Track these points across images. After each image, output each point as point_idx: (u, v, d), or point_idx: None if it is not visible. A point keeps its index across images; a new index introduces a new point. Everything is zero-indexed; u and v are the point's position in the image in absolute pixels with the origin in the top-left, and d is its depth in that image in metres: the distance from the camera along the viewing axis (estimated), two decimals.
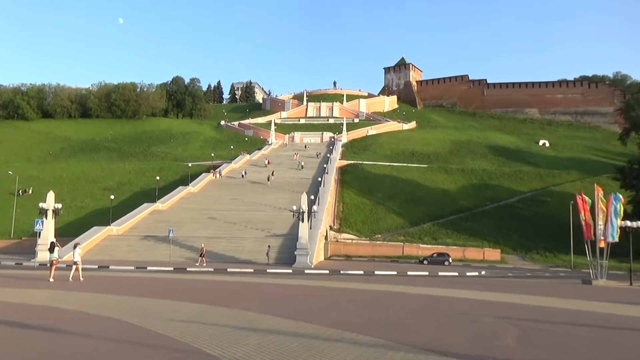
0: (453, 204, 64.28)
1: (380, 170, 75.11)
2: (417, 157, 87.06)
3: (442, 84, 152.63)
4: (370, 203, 63.14)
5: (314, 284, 22.70)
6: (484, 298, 18.17)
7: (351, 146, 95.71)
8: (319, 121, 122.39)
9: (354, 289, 20.56)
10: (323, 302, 16.18)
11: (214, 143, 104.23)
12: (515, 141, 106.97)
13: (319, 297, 17.42)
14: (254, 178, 66.70)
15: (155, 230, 44.97)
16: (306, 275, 29.71)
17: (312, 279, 26.58)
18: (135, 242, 42.63)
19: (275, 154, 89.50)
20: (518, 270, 41.69)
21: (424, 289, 21.23)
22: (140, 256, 39.14)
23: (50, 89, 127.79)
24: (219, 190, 60.60)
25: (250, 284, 22.07)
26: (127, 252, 40.30)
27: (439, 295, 18.91)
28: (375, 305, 15.46)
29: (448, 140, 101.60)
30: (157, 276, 26.14)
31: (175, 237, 39.50)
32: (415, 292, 20.09)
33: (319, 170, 71.29)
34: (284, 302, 15.71)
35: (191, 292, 18.48)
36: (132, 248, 41.29)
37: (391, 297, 17.97)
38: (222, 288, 20.01)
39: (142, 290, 18.94)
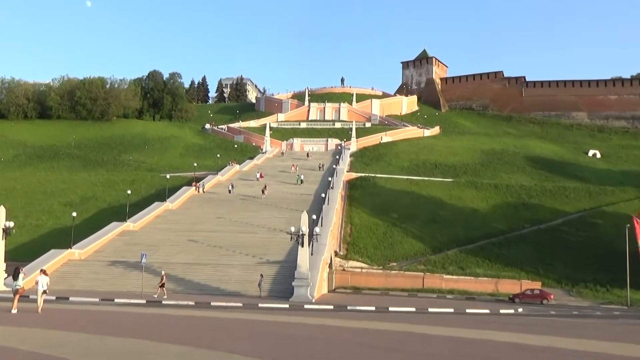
0: (484, 227, 64.06)
1: (397, 185, 75.07)
2: (441, 170, 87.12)
3: (471, 81, 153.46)
4: (383, 224, 63.01)
5: (316, 323, 22.58)
6: (523, 342, 18.01)
7: (361, 156, 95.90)
8: (323, 125, 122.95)
9: (364, 329, 20.42)
10: (327, 345, 16.06)
11: (197, 150, 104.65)
12: (559, 151, 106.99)
13: (322, 339, 17.30)
14: (244, 193, 66.75)
15: (125, 254, 44.95)
16: (306, 312, 29.55)
17: (313, 316, 26.44)
18: (100, 268, 42.59)
19: (271, 164, 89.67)
20: (563, 308, 41.38)
21: (450, 330, 21.08)
22: (106, 286, 39.05)
23: (3, 85, 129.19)
24: (203, 207, 60.62)
25: (239, 322, 21.96)
26: (91, 281, 40.23)
27: (468, 337, 18.73)
28: (391, 350, 15.33)
29: (478, 149, 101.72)
30: (127, 310, 26.06)
31: (149, 263, 39.44)
32: (439, 333, 19.94)
33: (322, 184, 71.36)
34: (279, 345, 15.60)
35: (167, 330, 18.40)
36: (97, 276, 41.24)
37: (410, 340, 17.83)
38: (204, 326, 19.91)
39: (107, 327, 18.87)
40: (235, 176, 78.23)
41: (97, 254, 45.90)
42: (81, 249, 45.47)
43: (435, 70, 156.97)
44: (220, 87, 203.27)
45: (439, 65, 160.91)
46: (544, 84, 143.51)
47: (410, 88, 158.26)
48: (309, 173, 79.48)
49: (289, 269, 40.54)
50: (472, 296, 49.03)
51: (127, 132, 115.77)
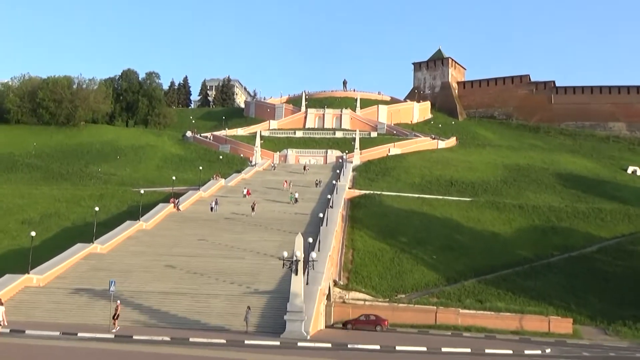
0: (506, 254, 64.11)
1: (406, 205, 75.23)
2: (458, 188, 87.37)
3: (493, 86, 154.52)
4: (391, 250, 63.04)
5: None
6: None
7: (366, 170, 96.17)
8: (322, 134, 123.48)
9: None
10: None
11: (177, 162, 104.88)
12: (594, 167, 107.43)
13: None
14: (229, 211, 66.83)
15: (91, 281, 44.89)
16: (300, 350, 29.51)
17: (308, 355, 26.43)
18: (63, 297, 42.50)
19: (261, 178, 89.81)
20: (598, 349, 41.30)
21: None
22: (69, 317, 38.94)
23: None
24: (182, 227, 60.63)
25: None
26: (52, 311, 40.12)
27: None
28: None
29: (500, 164, 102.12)
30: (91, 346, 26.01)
31: (119, 291, 39.37)
32: None
33: (320, 202, 71.51)
34: None
35: None
36: (59, 305, 41.14)
37: None
38: None
39: None
40: (219, 192, 78.25)
41: (58, 280, 45.81)
42: (40, 275, 45.38)
43: (451, 72, 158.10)
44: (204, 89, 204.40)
45: (456, 67, 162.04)
46: (577, 90, 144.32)
47: (422, 93, 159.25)
48: (304, 190, 79.60)
49: (280, 300, 40.48)
50: (492, 334, 48.90)
51: (96, 140, 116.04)
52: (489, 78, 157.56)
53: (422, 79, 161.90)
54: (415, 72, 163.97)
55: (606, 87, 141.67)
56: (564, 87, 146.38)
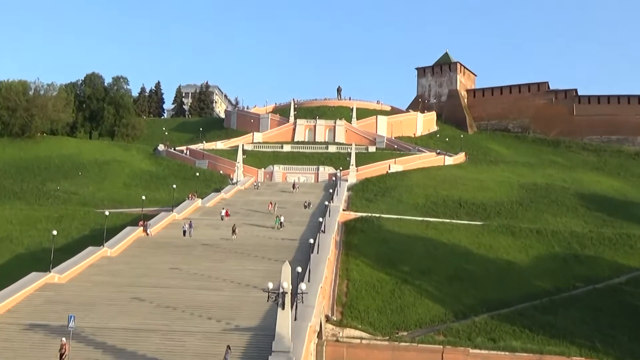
0: (523, 285, 64.14)
1: (409, 229, 75.34)
2: (467, 210, 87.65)
3: (507, 95, 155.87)
4: (391, 281, 62.95)
5: None
6: None
7: (363, 190, 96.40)
8: (313, 148, 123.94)
9: None
10: None
11: (147, 179, 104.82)
12: (621, 187, 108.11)
13: None
14: (207, 236, 66.66)
15: (47, 316, 44.48)
16: None
17: None
18: (14, 334, 42.09)
19: (243, 199, 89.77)
20: None
21: None
22: (20, 357, 38.58)
23: None
24: (152, 254, 60.35)
25: None
26: (0, 351, 39.71)
27: None
28: None
29: (516, 183, 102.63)
30: None
31: (80, 327, 39.09)
32: None
33: (310, 226, 71.48)
34: None
35: None
36: (10, 344, 40.72)
37: None
38: None
39: None
40: (196, 214, 78.10)
41: (9, 314, 45.36)
42: None
43: (460, 79, 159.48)
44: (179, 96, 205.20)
45: (465, 73, 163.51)
46: (602, 100, 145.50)
47: (427, 102, 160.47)
48: (293, 211, 79.65)
49: (264, 338, 40.27)
50: None
51: (54, 154, 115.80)
52: (502, 86, 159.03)
53: (426, 87, 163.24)
54: (419, 79, 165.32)
55: (635, 97, 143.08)
56: (588, 96, 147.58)
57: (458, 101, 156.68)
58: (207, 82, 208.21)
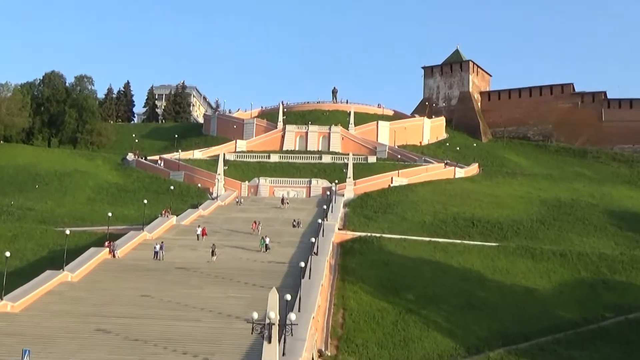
0: (545, 316, 64.11)
1: (414, 251, 75.33)
2: (481, 229, 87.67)
3: (526, 98, 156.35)
4: (394, 310, 62.77)
5: None
6: None
7: (362, 206, 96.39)
8: (304, 159, 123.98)
9: None
10: None
11: (114, 193, 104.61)
12: None
13: None
14: (182, 259, 66.55)
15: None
16: None
17: None
18: None
19: (224, 216, 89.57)
20: None
21: None
22: None
23: None
24: (119, 279, 60.09)
25: None
26: None
27: None
28: None
29: (536, 199, 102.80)
30: None
31: None
32: None
33: (301, 248, 71.31)
34: None
35: None
36: None
37: None
38: None
39: None
40: (170, 233, 77.88)
41: None
42: None
43: (472, 80, 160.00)
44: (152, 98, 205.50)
45: (479, 73, 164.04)
46: (634, 104, 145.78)
47: (435, 106, 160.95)
48: (281, 231, 79.61)
49: None
50: None
51: (8, 164, 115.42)
52: (520, 87, 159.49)
53: (434, 88, 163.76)
54: (425, 79, 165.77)
55: None
56: (618, 100, 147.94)
57: (470, 105, 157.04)
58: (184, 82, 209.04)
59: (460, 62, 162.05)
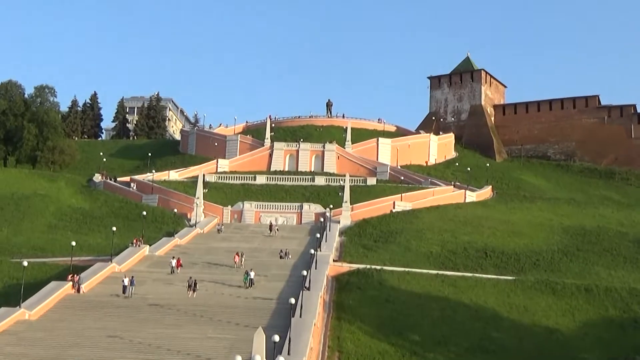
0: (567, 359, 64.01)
1: (420, 286, 75.25)
2: (495, 261, 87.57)
3: (546, 112, 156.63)
4: (397, 353, 62.47)
5: None
6: None
7: (360, 234, 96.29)
8: (295, 180, 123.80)
9: None
10: None
11: (79, 220, 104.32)
12: None
13: None
14: (156, 294, 66.23)
15: None
16: None
17: None
18: None
19: (204, 245, 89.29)
20: None
21: None
22: None
23: None
24: (84, 318, 59.72)
25: None
26: None
27: None
28: None
29: (557, 226, 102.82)
30: None
31: None
32: None
33: (290, 282, 71.15)
34: None
35: None
36: None
37: None
38: None
39: None
40: (142, 264, 77.61)
41: None
42: None
43: (485, 91, 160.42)
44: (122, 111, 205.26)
45: (492, 84, 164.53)
46: None
47: (443, 121, 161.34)
48: (269, 263, 79.47)
49: None
50: None
51: None
52: (539, 100, 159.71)
53: (442, 101, 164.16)
54: (432, 91, 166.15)
55: None
56: None
57: (483, 120, 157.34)
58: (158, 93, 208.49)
59: (471, 71, 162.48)
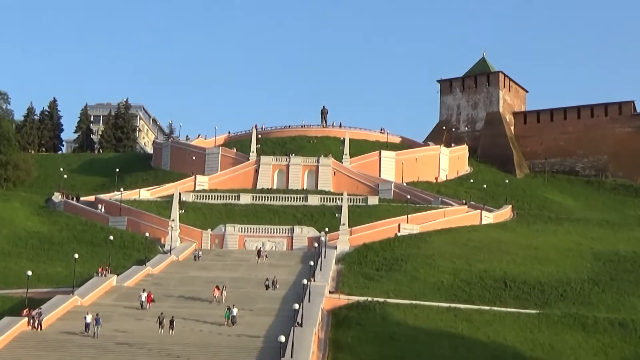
0: None
1: (429, 321, 75.20)
2: (516, 292, 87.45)
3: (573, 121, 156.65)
4: None
5: None
6: None
7: (359, 261, 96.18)
8: (285, 200, 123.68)
9: None
10: None
11: (36, 245, 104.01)
12: None
13: None
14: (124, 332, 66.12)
15: None
16: None
17: None
18: None
19: (179, 275, 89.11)
20: None
21: None
22: None
23: None
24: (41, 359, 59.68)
25: None
26: None
27: None
28: None
29: (587, 252, 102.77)
30: None
31: None
32: None
33: (280, 317, 71.21)
34: None
35: None
36: None
37: None
38: None
39: None
40: (108, 297, 77.47)
41: None
42: None
43: (503, 97, 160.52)
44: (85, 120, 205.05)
45: (512, 88, 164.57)
46: None
47: (456, 131, 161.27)
48: (255, 295, 79.50)
49: None
50: None
51: None
52: (566, 107, 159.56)
53: (454, 108, 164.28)
54: (442, 96, 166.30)
55: None
56: None
57: (501, 129, 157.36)
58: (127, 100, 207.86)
59: (488, 73, 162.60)
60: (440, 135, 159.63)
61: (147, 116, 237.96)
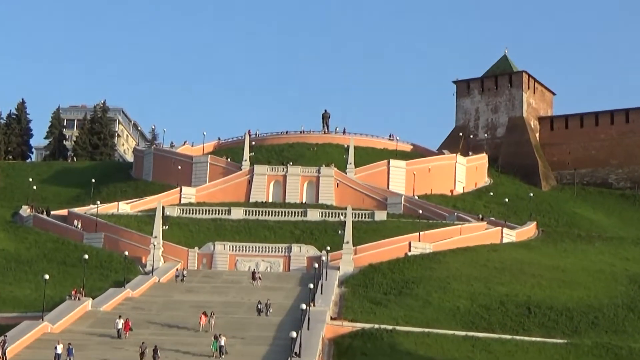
0: None
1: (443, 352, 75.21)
2: (541, 319, 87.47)
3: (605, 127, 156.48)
4: None
5: None
6: None
7: (366, 284, 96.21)
8: (281, 215, 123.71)
9: None
10: None
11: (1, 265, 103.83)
12: None
13: None
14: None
15: None
16: None
17: None
18: None
19: (162, 299, 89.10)
20: None
21: None
22: None
23: None
24: None
25: None
26: None
27: None
28: None
29: (622, 274, 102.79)
30: None
31: None
32: None
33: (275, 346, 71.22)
34: None
35: None
36: None
37: None
38: None
39: None
40: (82, 324, 77.46)
41: None
42: None
43: (527, 99, 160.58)
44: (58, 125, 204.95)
45: (537, 90, 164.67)
46: None
47: (474, 138, 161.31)
48: (247, 322, 79.53)
49: None
50: None
51: None
52: (597, 111, 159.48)
53: (471, 112, 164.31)
54: (459, 99, 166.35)
55: None
56: None
57: (525, 136, 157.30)
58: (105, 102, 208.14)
59: (510, 73, 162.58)
60: (457, 143, 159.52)
61: (127, 120, 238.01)
